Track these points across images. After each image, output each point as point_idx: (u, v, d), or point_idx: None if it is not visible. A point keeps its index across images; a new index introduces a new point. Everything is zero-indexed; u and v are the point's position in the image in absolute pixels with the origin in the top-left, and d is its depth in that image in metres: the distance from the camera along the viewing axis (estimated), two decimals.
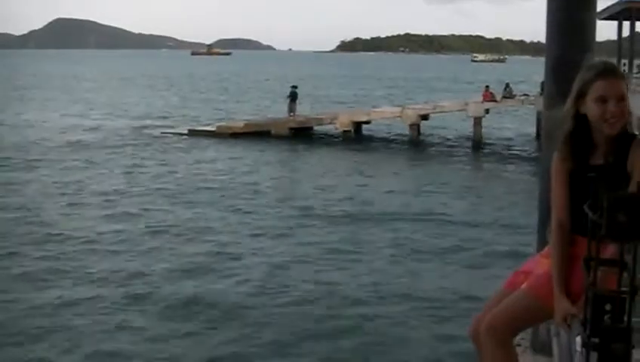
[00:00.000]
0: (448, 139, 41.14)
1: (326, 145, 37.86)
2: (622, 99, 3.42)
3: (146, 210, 22.14)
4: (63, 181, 26.35)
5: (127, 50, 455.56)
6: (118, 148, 35.33)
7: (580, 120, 3.51)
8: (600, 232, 2.34)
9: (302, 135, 40.11)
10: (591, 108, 3.46)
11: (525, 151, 36.14)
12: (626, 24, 40.96)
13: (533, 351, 5.34)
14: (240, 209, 22.24)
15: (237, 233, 19.57)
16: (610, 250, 2.65)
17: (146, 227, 19.95)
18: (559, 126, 3.66)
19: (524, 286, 3.74)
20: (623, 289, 2.43)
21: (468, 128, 41.02)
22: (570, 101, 3.54)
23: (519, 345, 5.06)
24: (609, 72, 3.47)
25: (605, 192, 2.31)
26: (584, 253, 2.59)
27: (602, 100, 3.42)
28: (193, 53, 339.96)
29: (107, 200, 23.43)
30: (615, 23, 42.25)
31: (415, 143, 38.96)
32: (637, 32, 41.50)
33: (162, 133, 41.24)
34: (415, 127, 40.06)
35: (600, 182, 2.45)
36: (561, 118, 3.63)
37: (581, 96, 3.49)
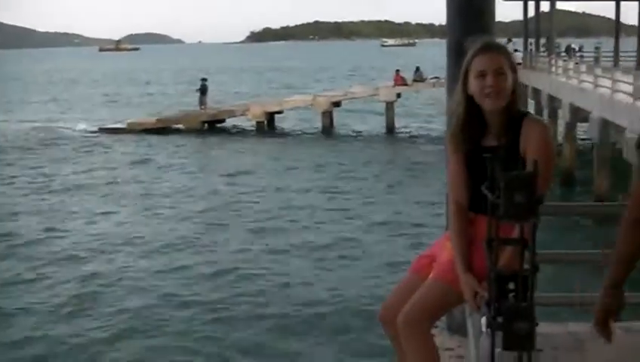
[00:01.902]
0: (361, 125, 41.40)
1: (239, 138, 37.68)
2: (500, 73, 3.39)
3: (56, 210, 21.81)
4: None
5: (31, 50, 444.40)
6: (25, 151, 34.43)
7: (471, 101, 3.49)
8: (498, 213, 2.36)
9: (214, 128, 39.95)
10: (472, 85, 3.45)
11: (437, 132, 36.46)
12: (531, 4, 41.68)
13: (449, 333, 5.37)
14: (159, 212, 21.94)
15: (145, 233, 19.38)
16: (516, 230, 2.64)
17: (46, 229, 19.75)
18: (452, 110, 3.63)
19: (431, 275, 3.73)
20: (525, 267, 2.45)
21: (379, 112, 41.33)
22: (459, 83, 3.53)
23: (436, 327, 5.08)
24: (486, 47, 3.46)
25: (501, 173, 2.33)
26: (484, 231, 2.60)
27: (481, 75, 3.40)
28: (101, 50, 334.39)
29: (20, 203, 23.05)
30: (521, 4, 42.91)
31: (328, 131, 39.05)
32: (542, 12, 42.26)
33: (73, 130, 40.47)
34: (327, 114, 40.13)
35: (495, 163, 2.46)
36: (454, 103, 3.59)
37: (466, 75, 3.48)
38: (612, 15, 36.52)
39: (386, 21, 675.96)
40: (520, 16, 44.86)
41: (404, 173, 27.21)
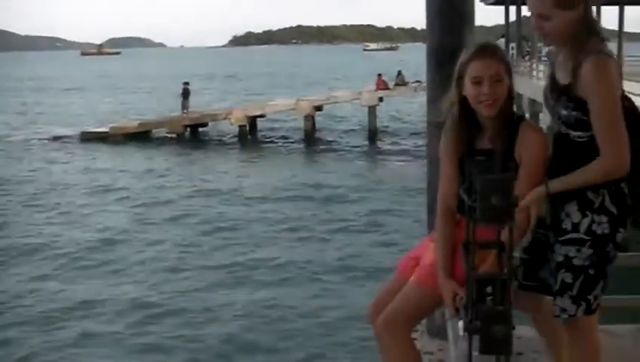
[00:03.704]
0: (344, 130, 41.39)
1: (221, 143, 37.41)
2: (497, 80, 3.36)
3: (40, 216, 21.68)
4: None
5: (12, 53, 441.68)
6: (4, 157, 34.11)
7: (465, 103, 3.45)
8: (475, 216, 2.35)
9: (197, 132, 39.74)
10: (467, 90, 3.40)
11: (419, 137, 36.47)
12: (513, 8, 41.81)
13: (429, 336, 5.37)
14: (143, 217, 21.84)
15: (129, 239, 19.24)
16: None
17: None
18: (447, 110, 3.58)
19: (412, 278, 3.71)
20: (503, 271, 2.45)
21: (363, 117, 41.34)
22: (453, 84, 3.49)
23: (416, 331, 5.08)
24: (484, 52, 3.40)
25: (478, 176, 2.32)
26: None
27: (477, 81, 3.36)
28: (83, 54, 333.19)
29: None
30: (502, 8, 43.07)
31: (310, 135, 38.94)
32: (524, 16, 42.43)
33: (54, 137, 40.18)
34: (310, 118, 40.08)
35: (476, 166, 2.46)
36: (449, 102, 3.55)
37: (460, 77, 3.43)
38: None
39: (369, 25, 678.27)
40: (502, 20, 45.01)
41: (385, 175, 27.26)
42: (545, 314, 3.53)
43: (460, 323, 2.65)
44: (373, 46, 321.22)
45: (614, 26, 36.77)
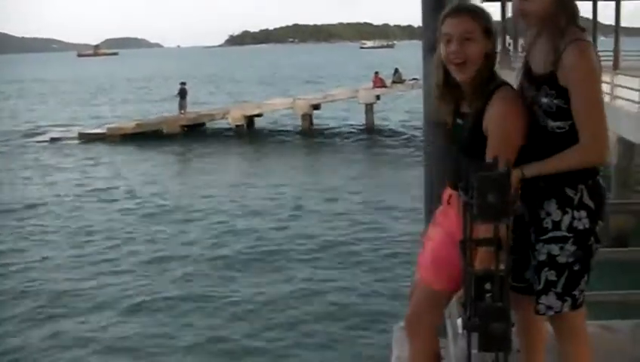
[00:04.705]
0: (341, 128, 41.39)
1: (218, 142, 37.32)
2: (466, 38, 3.20)
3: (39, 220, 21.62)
4: None
5: (9, 55, 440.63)
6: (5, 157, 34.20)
7: (445, 67, 3.33)
8: (472, 213, 2.34)
9: (194, 132, 39.68)
10: (441, 49, 3.30)
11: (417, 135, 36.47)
12: (509, 5, 41.86)
13: None
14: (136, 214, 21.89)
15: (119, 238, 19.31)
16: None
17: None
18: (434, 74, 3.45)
19: (421, 278, 3.67)
20: (500, 268, 2.43)
21: (360, 115, 41.37)
22: (438, 48, 3.36)
23: None
24: (457, 11, 3.27)
25: (475, 173, 2.30)
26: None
27: (448, 39, 3.24)
28: (79, 55, 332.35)
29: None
30: (499, 4, 43.10)
31: (308, 134, 38.95)
32: None
33: (52, 138, 40.13)
34: (307, 117, 40.10)
35: (468, 163, 2.44)
36: (434, 67, 3.43)
37: (439, 42, 3.32)
38: (589, 15, 36.61)
39: (365, 23, 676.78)
40: (499, 17, 44.97)
41: (383, 173, 27.31)
42: (527, 314, 3.52)
43: (459, 321, 2.64)
44: (369, 44, 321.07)
45: (611, 21, 36.74)
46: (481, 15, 3.27)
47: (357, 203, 22.41)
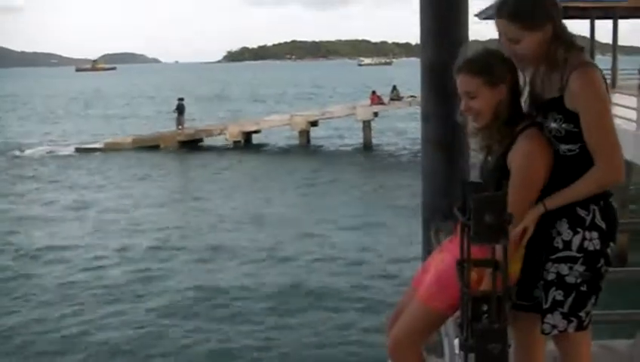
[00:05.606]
0: (338, 145, 41.41)
1: (215, 159, 37.09)
2: (471, 97, 3.33)
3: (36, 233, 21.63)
4: None
5: (8, 70, 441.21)
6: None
7: None
8: (469, 234, 2.34)
9: (192, 148, 39.64)
10: None
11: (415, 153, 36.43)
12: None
13: (425, 352, 5.34)
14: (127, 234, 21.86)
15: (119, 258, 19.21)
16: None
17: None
18: None
19: (418, 296, 3.64)
20: (498, 289, 2.42)
21: (357, 132, 41.42)
22: None
23: None
24: (457, 70, 3.38)
25: (472, 194, 2.30)
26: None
27: (460, 96, 3.40)
28: (78, 70, 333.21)
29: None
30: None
31: (305, 150, 38.95)
32: None
33: (48, 152, 40.14)
34: (304, 133, 40.16)
35: (466, 186, 2.45)
36: None
37: None
38: (587, 33, 36.71)
39: (363, 40, 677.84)
40: (497, 35, 45.15)
41: (380, 190, 27.32)
42: (528, 334, 3.52)
43: (456, 341, 2.63)
44: (367, 61, 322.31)
45: (608, 40, 36.81)
46: (480, 70, 3.34)
47: (351, 218, 22.39)
